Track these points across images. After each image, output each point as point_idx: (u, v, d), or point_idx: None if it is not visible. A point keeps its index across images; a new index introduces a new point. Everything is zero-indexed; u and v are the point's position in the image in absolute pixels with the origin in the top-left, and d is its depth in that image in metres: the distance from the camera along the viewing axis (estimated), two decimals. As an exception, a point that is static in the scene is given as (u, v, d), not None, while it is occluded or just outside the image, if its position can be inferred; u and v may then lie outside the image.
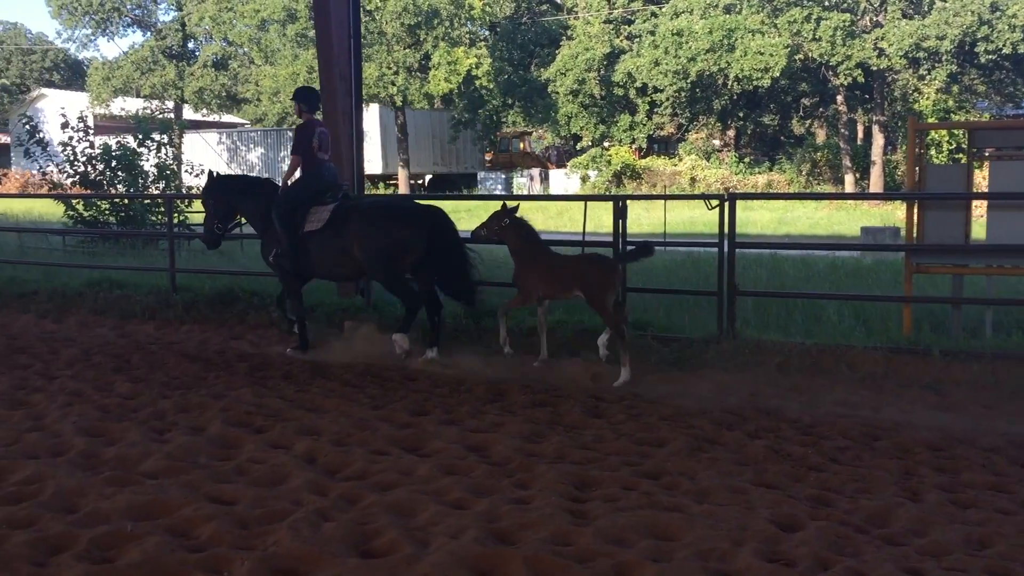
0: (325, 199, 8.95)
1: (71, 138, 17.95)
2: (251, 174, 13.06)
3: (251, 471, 5.44)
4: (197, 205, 19.39)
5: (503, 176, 43.40)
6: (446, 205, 9.18)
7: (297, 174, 9.16)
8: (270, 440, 6.08)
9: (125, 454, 5.70)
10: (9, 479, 5.28)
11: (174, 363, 8.57)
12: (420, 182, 45.98)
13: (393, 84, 40.51)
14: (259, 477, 5.32)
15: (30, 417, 6.60)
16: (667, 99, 38.93)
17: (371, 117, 40.24)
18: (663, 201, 21.42)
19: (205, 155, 39.35)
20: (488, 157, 49.03)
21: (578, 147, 44.28)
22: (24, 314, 11.17)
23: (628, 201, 9.43)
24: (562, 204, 28.49)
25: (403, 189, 42.09)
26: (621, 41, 40.91)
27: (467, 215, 29.96)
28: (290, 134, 43.86)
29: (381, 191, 39.50)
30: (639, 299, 9.96)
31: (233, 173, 12.14)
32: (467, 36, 43.34)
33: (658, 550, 4.35)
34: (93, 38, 50.51)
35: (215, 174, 9.70)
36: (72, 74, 77.10)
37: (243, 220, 9.88)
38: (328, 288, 10.97)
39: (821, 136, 43.53)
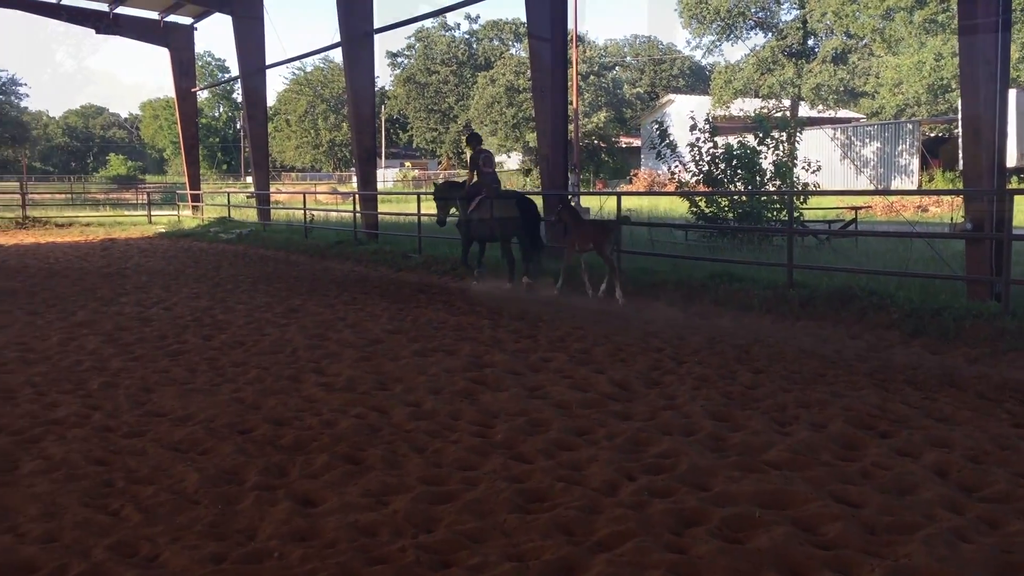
0: (483, 192, 14.51)
1: (697, 139, 19.19)
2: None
3: (876, 476, 5.23)
4: (813, 202, 19.54)
5: None
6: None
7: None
8: (896, 446, 5.80)
9: (749, 441, 5.90)
10: (648, 451, 5.80)
11: (792, 357, 8.67)
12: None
13: (1036, 65, 36.14)
14: (885, 483, 5.09)
15: (663, 396, 7.20)
16: None
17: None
18: None
19: (820, 151, 39.27)
20: None
21: None
22: (654, 301, 12.21)
23: None
24: None
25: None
26: None
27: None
28: (909, 127, 42.08)
29: (1014, 186, 35.39)
30: None
31: (451, 180, 17.47)
32: None
33: None
34: (718, 44, 53.83)
35: (438, 183, 16.20)
36: (695, 79, 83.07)
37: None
38: (958, 289, 10.29)
39: None
